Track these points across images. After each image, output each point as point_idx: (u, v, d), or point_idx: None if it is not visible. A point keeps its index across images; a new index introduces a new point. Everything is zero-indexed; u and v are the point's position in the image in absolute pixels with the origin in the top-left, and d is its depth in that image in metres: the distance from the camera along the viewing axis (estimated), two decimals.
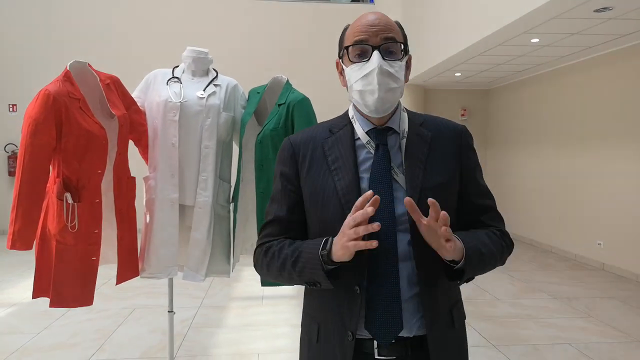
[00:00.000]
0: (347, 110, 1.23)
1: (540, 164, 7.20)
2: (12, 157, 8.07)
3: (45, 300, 2.06)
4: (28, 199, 1.94)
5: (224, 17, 8.47)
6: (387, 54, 1.09)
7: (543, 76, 7.14)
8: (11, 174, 8.09)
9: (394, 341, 1.05)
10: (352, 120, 1.19)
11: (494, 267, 1.14)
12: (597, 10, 4.18)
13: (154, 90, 2.35)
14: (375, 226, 0.94)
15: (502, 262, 1.16)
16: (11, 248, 1.95)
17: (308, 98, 2.35)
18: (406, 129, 1.15)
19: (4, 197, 7.93)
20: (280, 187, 1.20)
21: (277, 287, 2.42)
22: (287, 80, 2.44)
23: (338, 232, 1.05)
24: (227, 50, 8.00)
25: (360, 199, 0.98)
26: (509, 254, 1.18)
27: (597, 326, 3.93)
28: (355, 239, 0.95)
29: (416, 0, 7.44)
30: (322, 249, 1.03)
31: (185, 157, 2.31)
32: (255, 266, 1.22)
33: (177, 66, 2.43)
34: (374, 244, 0.95)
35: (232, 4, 8.65)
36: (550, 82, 6.96)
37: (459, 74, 7.47)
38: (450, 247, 0.97)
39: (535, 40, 5.28)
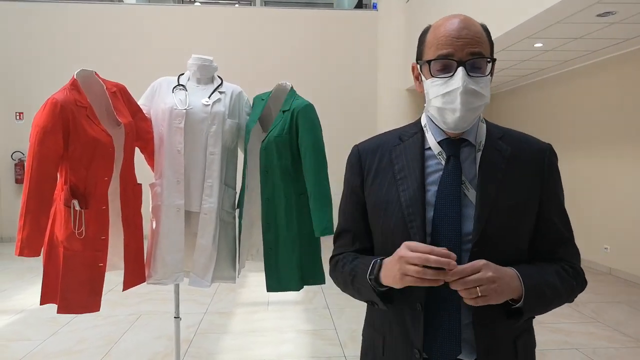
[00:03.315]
0: (420, 117, 1.15)
1: None
2: (19, 165, 8.14)
3: (53, 307, 2.07)
4: (36, 206, 1.96)
5: (228, 25, 8.53)
6: (472, 70, 0.99)
7: (547, 81, 7.13)
8: (18, 181, 8.15)
9: None
10: (424, 128, 1.11)
11: (559, 306, 1.06)
12: (600, 15, 4.18)
13: (160, 98, 2.38)
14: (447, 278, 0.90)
15: (571, 301, 1.08)
16: (19, 255, 1.97)
17: (312, 105, 2.37)
18: (483, 141, 1.06)
19: (12, 205, 7.99)
20: (347, 196, 1.17)
21: (283, 292, 2.43)
22: (292, 87, 2.46)
23: (399, 244, 0.99)
24: (232, 57, 8.06)
25: (445, 250, 0.91)
26: (581, 291, 1.09)
27: (605, 331, 3.90)
28: (416, 277, 0.91)
29: (419, 7, 7.47)
30: (369, 274, 1.01)
31: (190, 163, 2.33)
32: (330, 275, 1.22)
33: (183, 74, 2.46)
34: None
35: (236, 11, 8.72)
36: (554, 87, 6.95)
37: None
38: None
39: (539, 45, 5.29)
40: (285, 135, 2.30)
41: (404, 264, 0.92)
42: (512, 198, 1.02)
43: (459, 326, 1.00)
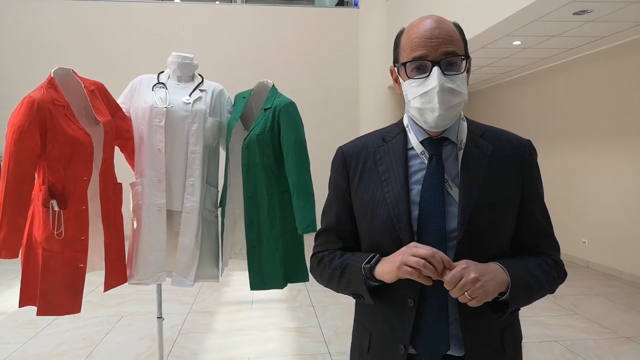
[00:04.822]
0: (402, 118, 1.17)
1: None
2: None
3: (32, 309, 2.04)
4: (13, 206, 1.93)
5: (209, 22, 8.46)
6: (447, 68, 1.02)
7: (525, 78, 7.24)
8: None
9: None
10: (406, 128, 1.13)
11: (542, 297, 1.08)
12: (576, 13, 4.26)
13: (139, 96, 2.35)
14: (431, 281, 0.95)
15: (552, 292, 1.10)
16: None
17: (294, 102, 2.37)
18: (464, 140, 1.08)
19: None
20: (332, 196, 1.19)
21: (266, 291, 2.43)
22: (273, 85, 2.46)
23: (387, 244, 1.04)
24: (213, 55, 7.99)
25: (448, 260, 0.95)
26: (562, 282, 1.12)
27: (583, 323, 3.99)
28: (414, 270, 0.94)
29: (400, 4, 7.50)
30: (365, 263, 1.04)
31: (171, 162, 2.31)
32: (310, 271, 1.24)
33: (162, 72, 2.43)
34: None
35: (217, 8, 8.65)
36: (533, 84, 7.06)
37: None
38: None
39: (517, 42, 5.36)
40: (267, 133, 2.29)
41: (407, 255, 0.95)
42: (494, 195, 1.04)
43: (447, 322, 1.03)
